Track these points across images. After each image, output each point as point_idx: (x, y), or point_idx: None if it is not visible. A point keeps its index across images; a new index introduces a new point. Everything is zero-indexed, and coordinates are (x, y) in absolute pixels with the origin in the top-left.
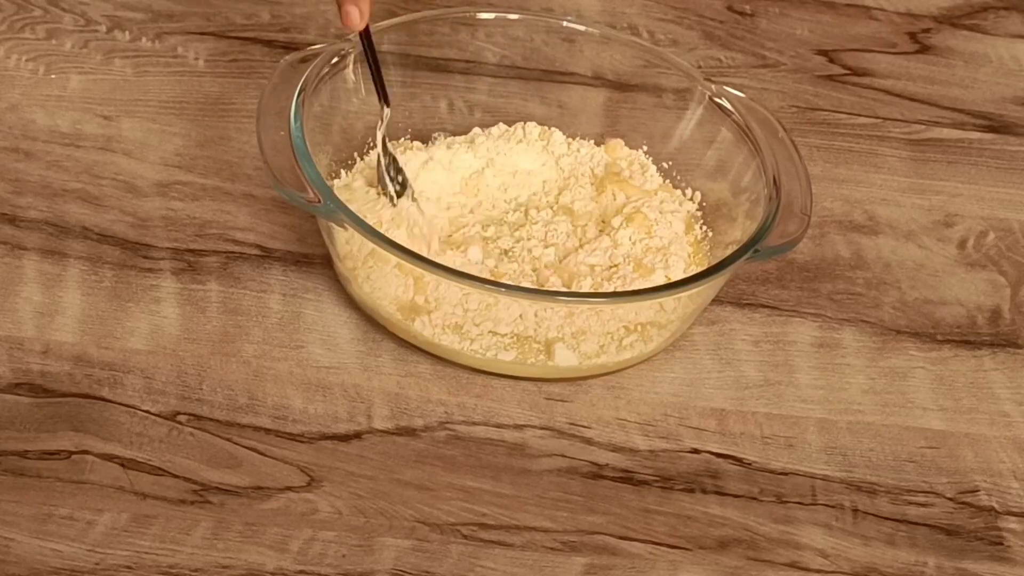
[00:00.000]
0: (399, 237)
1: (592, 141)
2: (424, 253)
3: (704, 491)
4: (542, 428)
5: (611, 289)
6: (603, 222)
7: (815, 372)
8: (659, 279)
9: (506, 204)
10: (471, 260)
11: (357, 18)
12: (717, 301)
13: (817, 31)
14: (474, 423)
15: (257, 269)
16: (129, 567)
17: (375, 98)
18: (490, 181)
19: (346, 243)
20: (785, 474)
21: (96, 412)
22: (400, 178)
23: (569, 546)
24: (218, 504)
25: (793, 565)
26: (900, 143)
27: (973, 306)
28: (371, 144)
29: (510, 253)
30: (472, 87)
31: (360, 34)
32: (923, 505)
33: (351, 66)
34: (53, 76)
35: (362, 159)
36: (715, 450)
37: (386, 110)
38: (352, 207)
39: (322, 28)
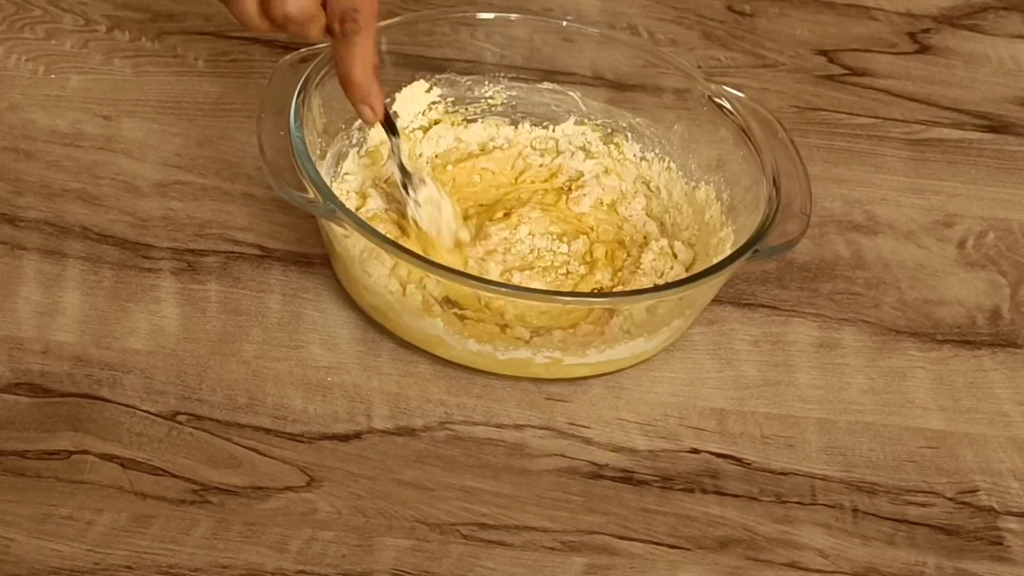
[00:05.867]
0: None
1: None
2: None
3: (704, 491)
4: (542, 428)
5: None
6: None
7: (815, 372)
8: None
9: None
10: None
11: (372, 116)
12: (717, 301)
13: (817, 31)
14: (474, 423)
15: (257, 269)
16: (129, 567)
17: None
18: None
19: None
20: (785, 474)
21: (96, 412)
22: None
23: (569, 546)
24: (218, 504)
25: (793, 565)
26: (900, 143)
27: (973, 306)
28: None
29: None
30: (472, 87)
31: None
32: (923, 505)
33: None
34: (53, 76)
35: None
36: (715, 450)
37: (394, 140)
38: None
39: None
